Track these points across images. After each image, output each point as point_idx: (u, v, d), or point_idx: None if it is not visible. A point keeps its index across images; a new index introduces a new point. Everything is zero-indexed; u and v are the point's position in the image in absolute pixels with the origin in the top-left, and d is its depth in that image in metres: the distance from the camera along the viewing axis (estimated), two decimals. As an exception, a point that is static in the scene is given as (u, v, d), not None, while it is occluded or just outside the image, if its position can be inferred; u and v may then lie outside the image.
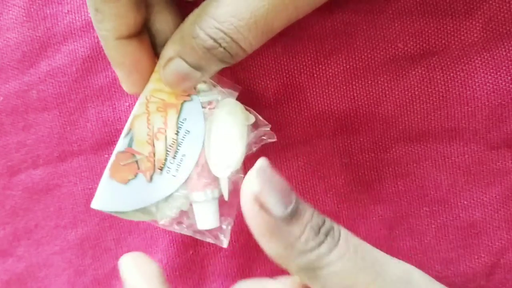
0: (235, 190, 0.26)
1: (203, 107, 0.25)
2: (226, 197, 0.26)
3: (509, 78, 0.27)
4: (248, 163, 0.27)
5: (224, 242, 0.27)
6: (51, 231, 0.33)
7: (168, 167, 0.25)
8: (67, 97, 0.30)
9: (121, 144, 0.25)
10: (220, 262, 0.31)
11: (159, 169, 0.25)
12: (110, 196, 0.25)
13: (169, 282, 0.31)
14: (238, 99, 0.26)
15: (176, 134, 0.25)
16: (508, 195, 0.28)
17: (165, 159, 0.25)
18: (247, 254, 0.31)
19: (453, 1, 0.26)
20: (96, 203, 0.25)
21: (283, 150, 0.29)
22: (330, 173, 0.30)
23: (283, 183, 0.20)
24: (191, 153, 0.25)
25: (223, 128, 0.25)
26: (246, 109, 0.26)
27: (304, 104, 0.29)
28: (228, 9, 0.20)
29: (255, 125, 0.26)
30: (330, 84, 0.28)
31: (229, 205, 0.27)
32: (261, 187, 0.19)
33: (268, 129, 0.26)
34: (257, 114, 0.27)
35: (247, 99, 0.27)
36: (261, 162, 0.20)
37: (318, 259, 0.20)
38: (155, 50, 0.25)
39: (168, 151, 0.25)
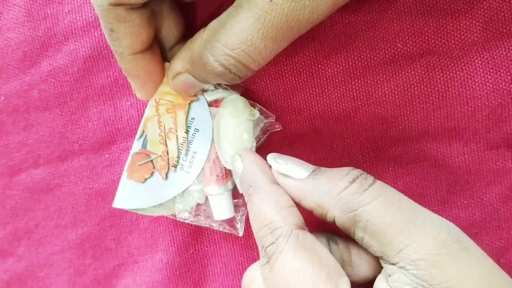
0: None
1: (209, 106, 0.27)
2: (239, 188, 0.27)
3: (509, 78, 0.27)
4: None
5: (240, 231, 0.28)
6: (51, 230, 0.33)
7: (182, 164, 0.27)
8: (69, 97, 0.30)
9: (135, 146, 0.27)
10: (220, 262, 0.31)
11: (173, 166, 0.27)
12: (129, 195, 0.27)
13: (170, 281, 0.31)
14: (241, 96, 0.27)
15: (186, 132, 0.27)
16: (508, 195, 0.28)
17: (178, 157, 0.27)
18: (247, 254, 0.31)
19: (452, 0, 0.26)
20: (117, 203, 0.27)
21: (282, 150, 0.29)
22: (330, 173, 0.30)
23: (296, 159, 0.24)
24: (201, 150, 0.27)
25: (230, 124, 0.26)
26: (251, 104, 0.27)
27: (304, 104, 0.29)
28: (239, 36, 0.21)
29: (260, 117, 0.27)
30: (330, 84, 0.28)
31: (243, 195, 0.28)
32: (279, 164, 0.24)
33: (273, 120, 0.28)
34: (262, 107, 0.27)
35: (248, 99, 0.27)
36: (271, 154, 0.24)
37: (353, 198, 0.21)
38: (162, 54, 0.26)
39: (180, 149, 0.27)
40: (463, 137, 0.28)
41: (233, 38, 0.21)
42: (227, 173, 0.28)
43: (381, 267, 0.21)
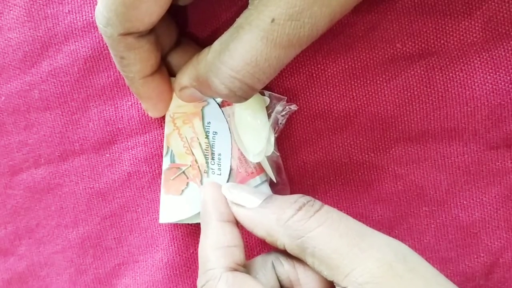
0: (279, 168, 0.28)
1: (221, 107, 0.28)
2: (273, 177, 0.28)
3: (508, 78, 0.27)
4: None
5: None
6: (52, 230, 0.33)
7: (212, 169, 0.28)
8: (69, 97, 0.30)
9: (165, 162, 0.28)
10: (220, 261, 0.32)
11: (204, 172, 0.28)
12: (171, 209, 0.28)
13: (170, 281, 0.31)
14: None
15: (206, 138, 0.28)
16: (507, 195, 0.28)
17: (207, 163, 0.28)
18: (246, 254, 0.31)
19: (452, 1, 0.26)
20: (163, 218, 0.28)
21: (282, 150, 0.29)
22: (330, 173, 0.30)
23: (250, 188, 0.25)
24: (225, 150, 0.28)
25: (245, 119, 0.27)
26: (259, 92, 0.27)
27: (304, 104, 0.29)
28: (243, 57, 0.21)
29: (272, 102, 0.28)
30: (329, 84, 0.28)
31: (280, 182, 0.29)
32: (232, 194, 0.25)
33: (285, 101, 0.28)
34: (271, 92, 0.28)
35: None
36: (226, 184, 0.26)
37: (299, 225, 0.22)
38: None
39: (206, 155, 0.28)
40: (462, 137, 0.28)
41: (238, 60, 0.21)
42: (257, 166, 0.28)
43: (330, 283, 0.22)
